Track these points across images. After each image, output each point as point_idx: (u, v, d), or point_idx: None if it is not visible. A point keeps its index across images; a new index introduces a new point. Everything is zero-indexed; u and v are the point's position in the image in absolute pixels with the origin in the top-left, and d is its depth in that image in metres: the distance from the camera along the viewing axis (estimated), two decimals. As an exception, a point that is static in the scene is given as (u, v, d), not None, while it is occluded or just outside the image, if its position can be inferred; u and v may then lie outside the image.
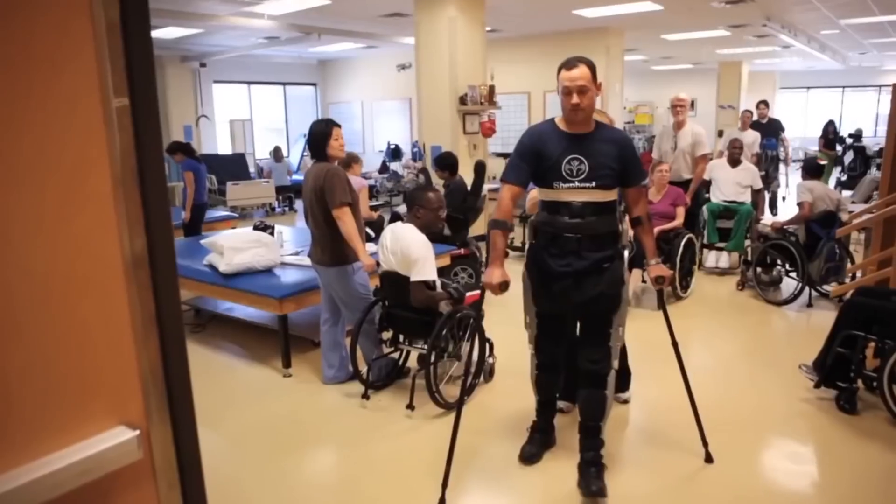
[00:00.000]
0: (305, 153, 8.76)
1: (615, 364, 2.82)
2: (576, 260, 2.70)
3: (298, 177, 11.31)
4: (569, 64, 2.66)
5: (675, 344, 2.97)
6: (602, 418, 2.83)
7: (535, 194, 3.02)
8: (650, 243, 2.89)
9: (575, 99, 2.61)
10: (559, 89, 2.67)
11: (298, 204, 6.37)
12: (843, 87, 19.47)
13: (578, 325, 2.92)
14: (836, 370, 3.47)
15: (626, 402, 3.64)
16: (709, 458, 3.00)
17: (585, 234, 2.68)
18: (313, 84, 15.36)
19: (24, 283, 0.84)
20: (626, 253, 2.91)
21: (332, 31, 9.63)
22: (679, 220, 5.60)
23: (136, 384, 0.98)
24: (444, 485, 2.71)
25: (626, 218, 2.99)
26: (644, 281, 5.33)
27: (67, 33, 0.86)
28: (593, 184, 2.65)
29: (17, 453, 0.85)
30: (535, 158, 2.72)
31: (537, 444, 3.10)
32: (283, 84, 14.88)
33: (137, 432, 0.96)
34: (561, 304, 2.81)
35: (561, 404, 3.38)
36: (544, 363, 3.00)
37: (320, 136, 3.70)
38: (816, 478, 3.04)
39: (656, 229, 4.64)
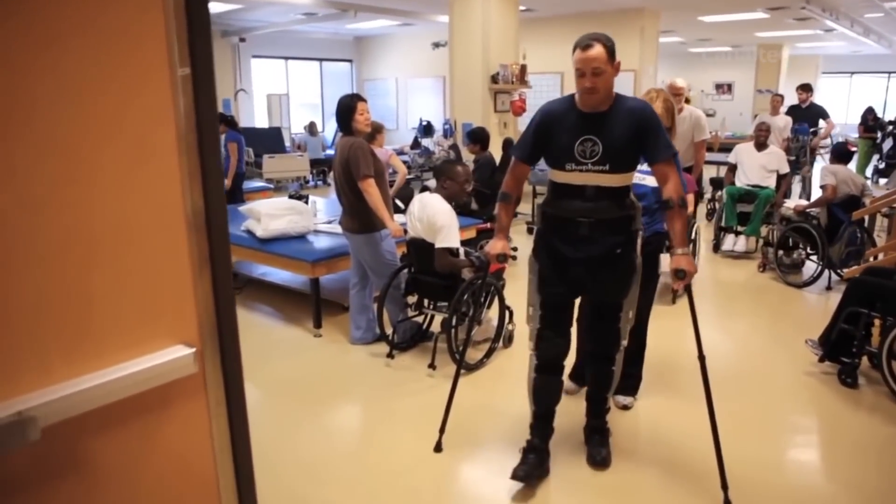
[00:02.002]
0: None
1: (624, 342, 2.78)
2: (588, 245, 2.59)
3: (332, 151, 11.52)
4: (583, 43, 2.43)
5: (701, 358, 2.57)
6: (609, 391, 2.91)
7: None
8: (679, 229, 2.52)
9: (588, 82, 2.42)
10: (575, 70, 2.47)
11: (331, 177, 6.57)
12: (890, 72, 18.90)
13: (588, 308, 2.87)
14: (839, 346, 3.60)
15: (626, 407, 3.34)
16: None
17: (598, 219, 2.56)
18: (349, 60, 15.50)
19: (106, 219, 1.02)
20: (639, 236, 2.74)
21: (368, 7, 9.74)
22: (690, 208, 5.55)
23: (192, 311, 1.17)
24: (442, 430, 2.99)
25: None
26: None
27: (145, 13, 1.04)
28: (607, 166, 2.50)
29: (102, 359, 1.05)
30: (546, 137, 2.60)
31: (531, 466, 2.73)
32: (320, 60, 15.04)
33: (194, 350, 1.15)
34: (572, 291, 2.74)
35: (568, 385, 3.39)
36: (544, 364, 2.76)
37: (346, 109, 3.86)
38: (815, 446, 3.18)
39: None
